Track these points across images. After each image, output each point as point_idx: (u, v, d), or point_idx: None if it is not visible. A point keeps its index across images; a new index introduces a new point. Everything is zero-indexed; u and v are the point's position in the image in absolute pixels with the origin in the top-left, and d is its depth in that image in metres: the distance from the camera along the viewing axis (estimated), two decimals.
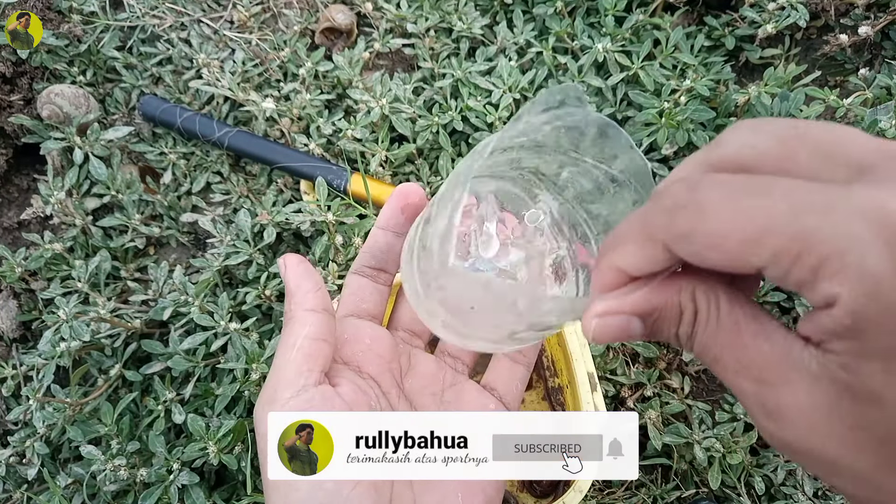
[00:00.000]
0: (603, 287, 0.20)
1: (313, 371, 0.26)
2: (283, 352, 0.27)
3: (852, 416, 0.16)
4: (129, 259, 0.70)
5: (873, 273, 0.14)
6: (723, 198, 0.17)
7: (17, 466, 0.61)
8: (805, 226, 0.15)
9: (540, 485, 0.53)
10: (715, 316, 0.18)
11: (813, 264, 0.15)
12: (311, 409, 0.26)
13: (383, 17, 0.77)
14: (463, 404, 0.32)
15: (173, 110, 0.71)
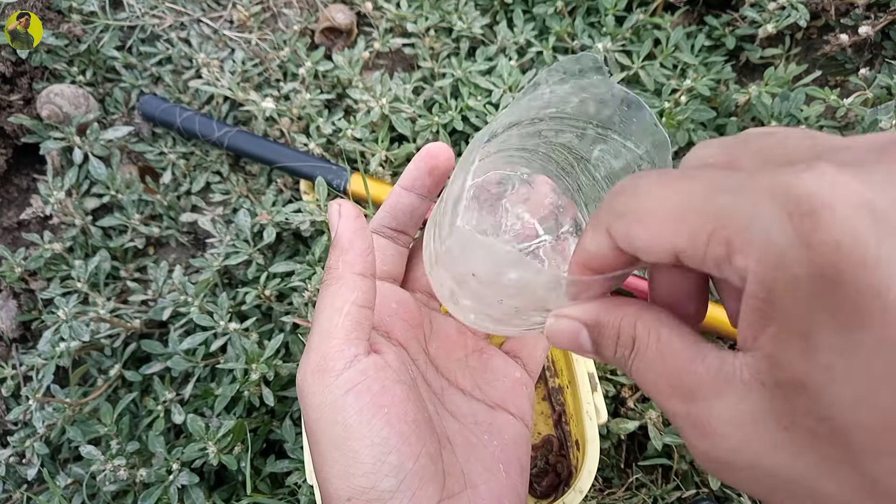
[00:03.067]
0: (570, 272, 0.21)
1: (362, 340, 0.26)
2: (330, 315, 0.26)
3: (783, 414, 0.16)
4: (128, 259, 0.70)
5: (778, 244, 0.15)
6: (655, 183, 0.18)
7: (17, 466, 0.61)
8: (718, 204, 0.16)
9: (540, 485, 0.53)
10: (655, 345, 0.19)
11: (726, 239, 0.16)
12: (366, 380, 0.25)
13: (383, 16, 0.77)
14: (489, 372, 0.32)
15: (173, 110, 0.71)
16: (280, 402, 0.58)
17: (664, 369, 0.19)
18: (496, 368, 0.32)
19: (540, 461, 0.54)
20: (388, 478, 0.24)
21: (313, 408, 0.25)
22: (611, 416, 0.59)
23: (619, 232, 0.18)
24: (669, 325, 0.19)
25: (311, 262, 0.63)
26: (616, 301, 0.21)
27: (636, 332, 0.20)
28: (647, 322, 0.20)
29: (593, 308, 0.21)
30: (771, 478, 0.16)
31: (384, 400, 0.25)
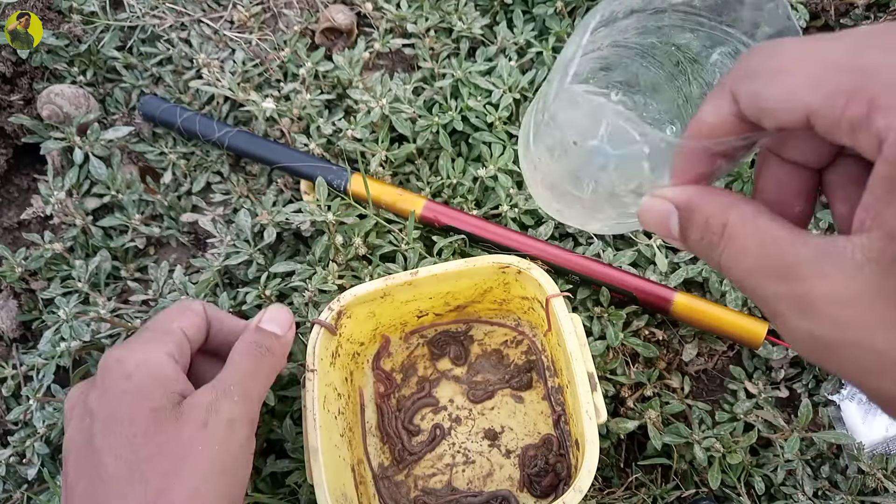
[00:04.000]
0: (689, 134, 0.20)
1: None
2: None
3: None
4: (129, 259, 0.70)
5: None
6: (794, 43, 0.17)
7: (17, 466, 0.61)
8: (865, 61, 0.15)
9: (540, 485, 0.53)
10: (752, 231, 0.18)
11: (868, 97, 0.15)
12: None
13: (383, 17, 0.77)
14: None
15: (173, 110, 0.71)
16: (280, 401, 0.58)
17: (762, 252, 0.18)
18: None
19: (540, 461, 0.54)
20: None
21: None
22: (610, 415, 0.60)
23: (748, 92, 0.17)
24: (768, 215, 0.19)
25: (311, 262, 0.64)
26: (713, 189, 0.20)
27: (728, 219, 0.19)
28: (744, 211, 0.19)
29: (688, 191, 0.20)
30: (877, 356, 0.16)
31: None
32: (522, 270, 0.50)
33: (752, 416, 0.58)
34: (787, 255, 0.17)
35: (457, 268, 0.51)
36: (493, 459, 0.56)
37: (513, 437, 0.57)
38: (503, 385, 0.58)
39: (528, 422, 0.57)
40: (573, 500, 0.42)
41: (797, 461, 0.57)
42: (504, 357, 0.60)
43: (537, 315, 0.56)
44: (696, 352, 0.62)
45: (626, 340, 0.60)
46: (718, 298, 0.61)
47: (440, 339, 0.60)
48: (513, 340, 0.60)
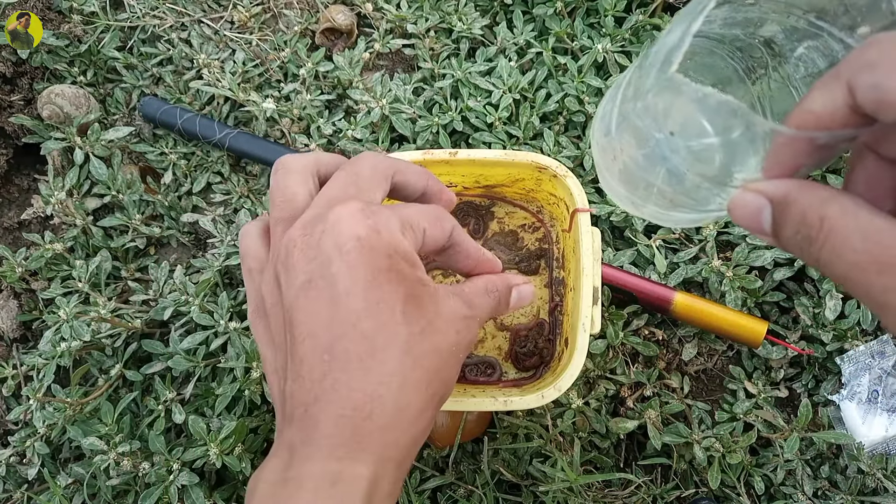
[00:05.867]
0: (793, 124, 0.20)
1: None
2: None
3: None
4: (129, 259, 0.70)
5: None
6: None
7: (18, 466, 0.61)
8: None
9: (525, 363, 0.56)
10: (853, 224, 0.18)
11: None
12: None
13: (383, 17, 0.77)
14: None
15: (173, 111, 0.71)
16: None
17: (867, 247, 0.18)
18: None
19: (530, 343, 0.57)
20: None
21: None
22: (610, 415, 0.60)
23: (868, 83, 0.17)
24: (868, 208, 0.18)
25: None
26: (809, 182, 0.20)
27: (825, 212, 0.19)
28: (843, 203, 0.19)
29: (784, 184, 0.20)
30: None
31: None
32: (559, 176, 0.52)
33: (751, 416, 0.58)
34: (893, 248, 0.17)
35: (495, 157, 0.53)
36: (487, 329, 0.59)
37: (509, 314, 0.59)
38: (512, 266, 0.61)
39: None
40: (551, 396, 0.44)
41: (797, 461, 0.57)
42: (519, 239, 0.62)
43: (561, 212, 0.57)
44: (695, 351, 0.62)
45: (627, 339, 0.60)
46: (718, 298, 0.61)
47: (462, 209, 0.62)
48: (530, 226, 0.62)
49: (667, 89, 0.22)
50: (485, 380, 0.56)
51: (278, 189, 0.30)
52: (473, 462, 0.58)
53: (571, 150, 0.68)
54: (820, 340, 0.59)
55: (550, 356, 0.56)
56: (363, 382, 0.25)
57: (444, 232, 0.30)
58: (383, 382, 0.25)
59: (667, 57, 0.21)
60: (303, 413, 0.25)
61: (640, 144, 0.24)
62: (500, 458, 0.57)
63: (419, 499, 0.57)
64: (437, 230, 0.29)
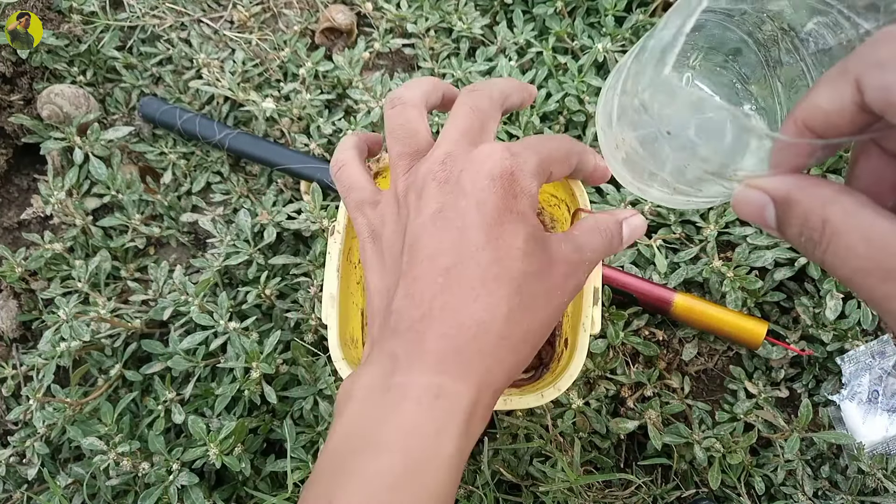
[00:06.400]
0: (785, 131, 0.19)
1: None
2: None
3: None
4: (129, 259, 0.70)
5: None
6: None
7: (17, 466, 0.61)
8: None
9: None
10: (856, 228, 0.18)
11: None
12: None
13: (383, 17, 0.77)
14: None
15: (173, 112, 0.71)
16: (281, 401, 0.58)
17: (872, 252, 0.17)
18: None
19: None
20: None
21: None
22: (610, 415, 0.60)
23: (878, 84, 0.16)
24: (871, 208, 0.18)
25: (312, 260, 0.64)
26: (812, 180, 0.19)
27: (827, 214, 0.18)
28: (845, 205, 0.18)
29: (786, 183, 0.20)
30: None
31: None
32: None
33: (752, 416, 0.58)
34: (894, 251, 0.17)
35: None
36: None
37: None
38: None
39: None
40: (551, 396, 0.44)
41: (797, 461, 0.57)
42: None
43: (562, 213, 0.57)
44: (696, 352, 0.62)
45: (627, 339, 0.60)
46: (718, 299, 0.61)
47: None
48: None
49: (662, 90, 0.21)
50: None
51: (399, 125, 0.31)
52: (473, 462, 0.58)
53: None
54: (820, 340, 0.59)
55: (549, 358, 0.56)
56: (471, 307, 0.26)
57: (569, 168, 0.31)
58: (489, 310, 0.26)
59: (661, 55, 0.21)
60: (408, 327, 0.27)
61: (640, 138, 0.24)
62: (500, 459, 0.57)
63: None
64: (564, 168, 0.31)
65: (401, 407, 0.25)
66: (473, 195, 0.27)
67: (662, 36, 0.22)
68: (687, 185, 0.24)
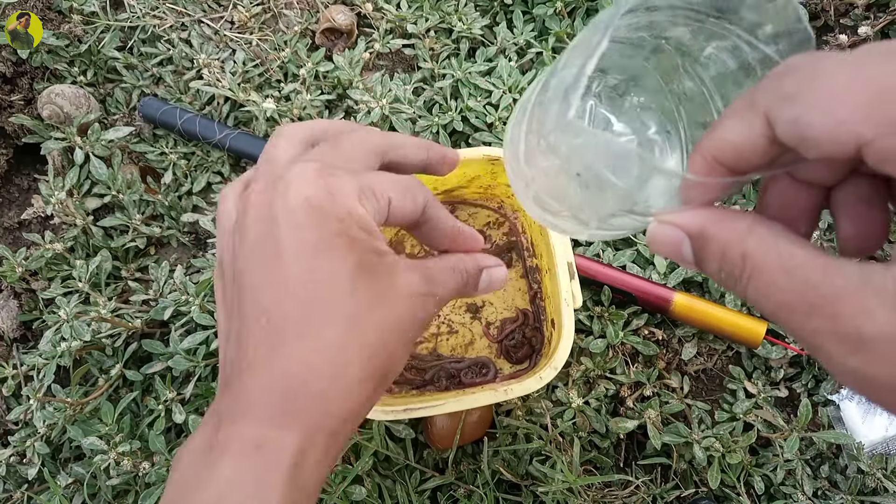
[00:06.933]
0: (693, 166, 0.19)
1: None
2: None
3: None
4: (129, 259, 0.70)
5: None
6: (841, 62, 0.15)
7: (18, 466, 0.61)
8: None
9: (516, 355, 0.58)
10: (776, 260, 0.17)
11: None
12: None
13: (383, 17, 0.77)
14: None
15: (173, 112, 0.71)
16: None
17: (792, 285, 0.17)
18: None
19: (517, 334, 0.58)
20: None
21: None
22: (610, 415, 0.60)
23: (787, 118, 0.16)
24: (787, 237, 0.17)
25: None
26: (726, 212, 0.19)
27: (747, 248, 0.18)
28: (763, 237, 0.17)
29: (699, 217, 0.19)
30: None
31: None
32: None
33: (751, 416, 0.58)
34: (821, 287, 0.16)
35: None
36: (474, 330, 0.60)
37: (493, 310, 0.61)
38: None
39: (507, 297, 0.61)
40: (549, 376, 0.45)
41: (797, 461, 0.57)
42: (486, 238, 0.63)
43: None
44: (695, 351, 0.62)
45: (627, 339, 0.60)
46: (718, 299, 0.61)
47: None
48: (495, 222, 0.63)
49: (568, 132, 0.21)
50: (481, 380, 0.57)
51: (264, 153, 0.29)
52: (473, 462, 0.58)
53: None
54: None
55: (540, 343, 0.57)
56: (298, 349, 0.24)
57: (415, 205, 0.28)
58: (318, 351, 0.24)
59: (565, 96, 0.21)
60: (237, 377, 0.25)
61: (549, 177, 0.24)
62: (499, 458, 0.57)
63: (419, 499, 0.57)
64: (407, 202, 0.28)
65: (219, 464, 0.23)
66: (287, 222, 0.24)
67: (564, 76, 0.22)
68: (599, 220, 0.24)
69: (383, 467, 0.58)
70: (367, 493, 0.55)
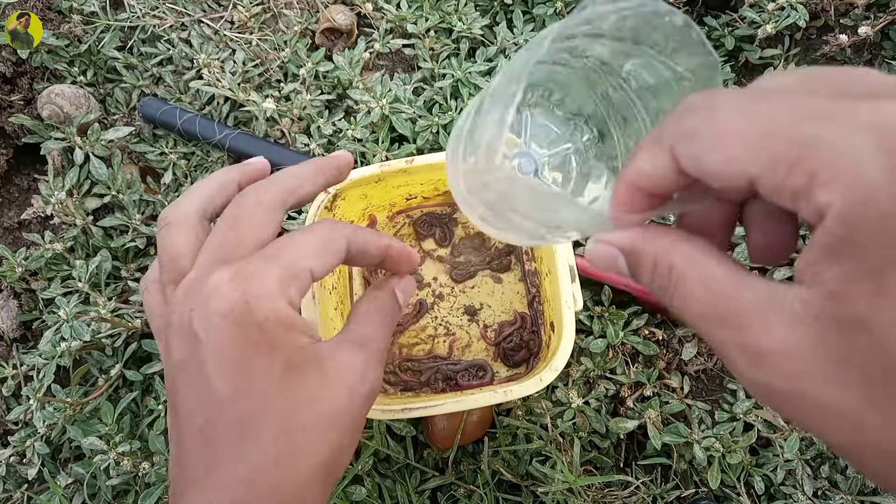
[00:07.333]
0: (616, 203, 0.21)
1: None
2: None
3: (838, 349, 0.15)
4: (129, 259, 0.70)
5: (869, 180, 0.14)
6: (733, 102, 0.17)
7: (18, 466, 0.61)
8: (806, 132, 0.15)
9: (514, 358, 0.58)
10: (697, 274, 0.19)
11: (809, 171, 0.15)
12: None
13: (383, 17, 0.77)
14: None
15: (173, 112, 0.71)
16: None
17: (708, 297, 0.18)
18: None
19: (515, 337, 0.58)
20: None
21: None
22: (610, 415, 0.60)
23: (687, 154, 0.18)
24: (709, 254, 0.19)
25: None
26: (654, 230, 0.20)
27: (673, 262, 0.19)
28: (685, 251, 0.19)
29: (630, 236, 0.21)
30: (819, 408, 0.16)
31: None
32: None
33: (751, 416, 0.58)
34: (731, 301, 0.17)
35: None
36: (471, 333, 0.60)
37: (490, 313, 0.61)
38: (484, 266, 0.62)
39: (505, 300, 0.62)
40: (549, 378, 0.45)
41: (797, 461, 0.57)
42: (486, 241, 0.64)
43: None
44: (695, 351, 0.62)
45: (627, 339, 0.60)
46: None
47: (425, 221, 0.64)
48: None
49: (502, 176, 0.22)
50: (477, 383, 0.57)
51: (162, 248, 0.28)
52: (473, 462, 0.58)
53: None
54: None
55: (538, 347, 0.57)
56: (234, 466, 0.24)
57: (336, 257, 0.28)
58: (257, 467, 0.24)
59: (490, 145, 0.22)
60: (181, 495, 0.25)
61: (488, 207, 0.25)
62: (500, 458, 0.57)
63: (419, 499, 0.57)
64: (328, 258, 0.27)
65: None
66: (208, 341, 0.24)
67: (486, 123, 0.22)
68: (541, 239, 0.25)
69: (383, 467, 0.58)
70: (367, 493, 0.55)
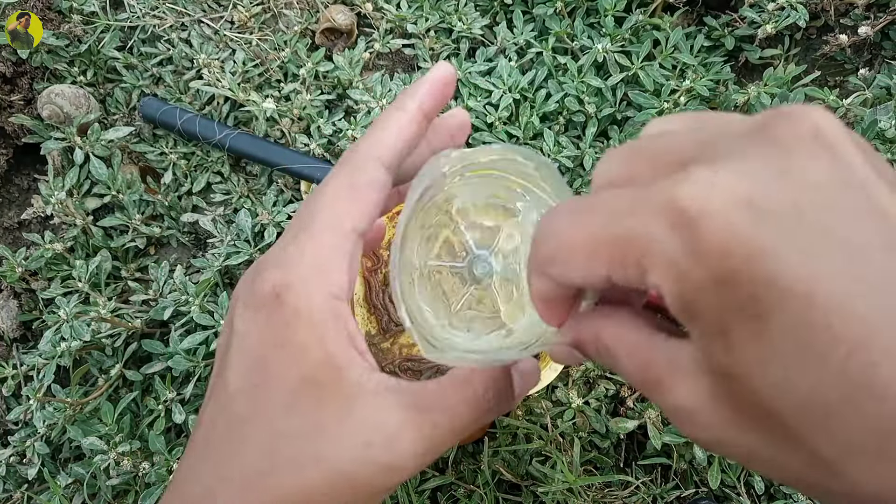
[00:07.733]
0: (543, 317, 0.22)
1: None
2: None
3: (728, 398, 0.16)
4: (129, 259, 0.70)
5: (675, 260, 0.15)
6: (564, 222, 0.19)
7: (18, 466, 0.61)
8: (618, 233, 0.17)
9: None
10: (624, 348, 0.20)
11: (636, 262, 0.16)
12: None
13: (383, 17, 0.77)
14: None
15: (173, 112, 0.71)
16: None
17: (635, 365, 0.19)
18: None
19: None
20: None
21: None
22: (610, 415, 0.60)
23: (555, 274, 0.19)
24: (630, 325, 0.20)
25: None
26: (587, 318, 0.22)
27: (605, 342, 0.20)
28: (610, 330, 0.20)
29: (570, 332, 0.22)
30: (740, 452, 0.17)
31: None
32: None
33: None
34: (651, 367, 0.18)
35: None
36: None
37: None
38: None
39: None
40: (549, 377, 0.46)
41: None
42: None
43: None
44: None
45: None
46: None
47: None
48: None
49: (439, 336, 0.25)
50: None
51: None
52: (473, 462, 0.58)
53: (571, 149, 0.68)
54: None
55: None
56: (219, 471, 0.21)
57: (380, 230, 0.28)
58: (224, 479, 0.21)
59: (398, 307, 0.24)
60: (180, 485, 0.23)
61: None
62: (500, 458, 0.57)
63: (419, 499, 0.57)
64: (377, 232, 0.27)
65: None
66: (238, 327, 0.22)
67: (394, 288, 0.24)
68: (485, 357, 0.27)
69: None
70: None
